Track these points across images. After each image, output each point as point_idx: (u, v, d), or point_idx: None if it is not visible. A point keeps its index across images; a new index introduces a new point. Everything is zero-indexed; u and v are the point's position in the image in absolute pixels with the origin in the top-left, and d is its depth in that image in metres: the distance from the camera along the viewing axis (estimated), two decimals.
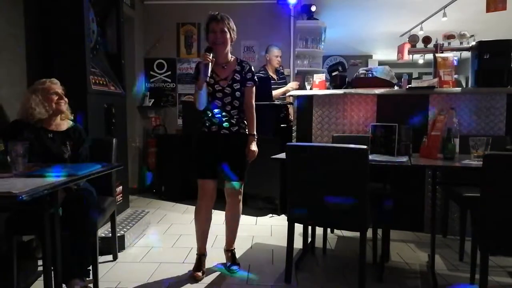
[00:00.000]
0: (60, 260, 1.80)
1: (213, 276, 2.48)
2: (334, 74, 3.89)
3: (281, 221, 3.67)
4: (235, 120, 2.45)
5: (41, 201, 1.62)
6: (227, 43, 2.40)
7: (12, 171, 1.75)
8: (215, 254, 2.74)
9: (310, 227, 2.84)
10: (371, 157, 2.19)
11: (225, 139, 2.44)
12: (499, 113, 3.13)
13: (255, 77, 2.51)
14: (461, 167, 2.13)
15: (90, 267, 2.17)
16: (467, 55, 4.10)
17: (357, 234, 2.14)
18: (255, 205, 4.04)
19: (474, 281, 2.29)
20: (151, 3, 5.22)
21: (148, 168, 5.00)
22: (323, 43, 5.40)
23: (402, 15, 6.11)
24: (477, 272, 2.00)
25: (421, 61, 5.99)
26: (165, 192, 4.65)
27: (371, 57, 9.99)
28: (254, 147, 2.47)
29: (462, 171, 2.67)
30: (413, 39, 4.56)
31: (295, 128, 3.68)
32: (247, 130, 2.50)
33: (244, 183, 2.52)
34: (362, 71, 3.58)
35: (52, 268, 1.76)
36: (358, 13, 6.14)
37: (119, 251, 2.79)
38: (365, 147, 2.07)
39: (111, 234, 2.71)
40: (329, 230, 3.17)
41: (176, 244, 3.06)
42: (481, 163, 1.90)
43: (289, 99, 4.14)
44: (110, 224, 2.73)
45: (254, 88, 2.50)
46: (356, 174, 2.10)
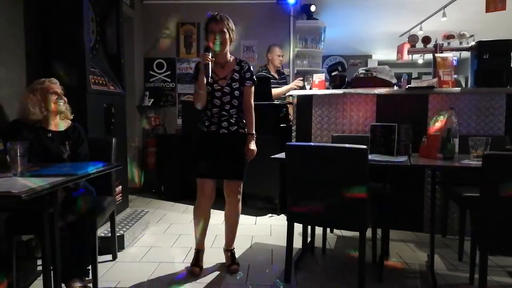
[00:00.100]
0: (59, 259, 1.80)
1: (212, 275, 2.48)
2: (333, 74, 3.89)
3: (281, 220, 3.67)
4: (234, 119, 2.45)
5: (41, 201, 1.63)
6: (226, 44, 2.40)
7: (11, 171, 1.75)
8: (215, 254, 2.74)
9: (309, 227, 2.84)
10: (370, 157, 2.18)
11: (224, 138, 2.44)
12: (498, 113, 3.13)
13: (254, 77, 2.51)
14: (461, 167, 2.13)
15: (89, 267, 2.18)
16: (466, 55, 4.10)
17: (357, 233, 2.14)
18: (254, 205, 4.04)
19: (473, 281, 2.29)
20: (151, 3, 5.22)
21: (146, 167, 5.00)
22: (322, 43, 5.40)
23: (402, 15, 6.11)
24: (477, 272, 2.00)
25: (420, 61, 5.99)
26: (165, 191, 4.65)
27: (370, 57, 10.00)
28: (253, 146, 2.48)
29: (461, 171, 2.66)
30: (413, 39, 4.56)
31: (294, 127, 3.68)
32: (246, 129, 2.50)
33: (243, 182, 2.52)
34: (361, 71, 3.58)
35: (51, 267, 1.76)
36: (357, 13, 6.14)
37: (119, 251, 2.79)
38: (365, 147, 2.07)
39: (111, 233, 2.72)
40: (328, 229, 3.17)
41: (175, 243, 3.06)
42: (481, 163, 1.90)
43: (289, 99, 4.14)
44: (109, 223, 2.73)
45: (253, 87, 2.51)
46: (355, 174, 2.10)
